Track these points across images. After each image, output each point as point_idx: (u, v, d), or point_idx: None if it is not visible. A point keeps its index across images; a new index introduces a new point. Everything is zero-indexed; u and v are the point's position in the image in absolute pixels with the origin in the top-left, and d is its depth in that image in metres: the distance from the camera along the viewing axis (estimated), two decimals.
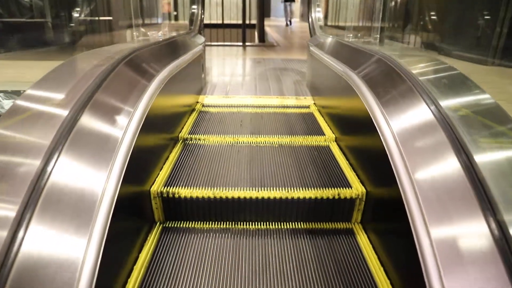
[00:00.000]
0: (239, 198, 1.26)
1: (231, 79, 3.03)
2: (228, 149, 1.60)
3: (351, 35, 2.17)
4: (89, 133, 0.88)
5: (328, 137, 1.76)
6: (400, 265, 0.97)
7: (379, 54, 1.42)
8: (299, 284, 1.01)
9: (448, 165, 0.83)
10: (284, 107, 2.27)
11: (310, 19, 3.02)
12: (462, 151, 0.83)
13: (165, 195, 1.25)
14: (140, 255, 1.09)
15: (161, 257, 1.10)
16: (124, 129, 0.99)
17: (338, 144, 1.68)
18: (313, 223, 1.29)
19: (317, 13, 3.05)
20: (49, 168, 0.73)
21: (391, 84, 1.21)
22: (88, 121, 0.91)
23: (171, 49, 1.85)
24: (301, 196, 1.26)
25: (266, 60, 4.03)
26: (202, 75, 2.62)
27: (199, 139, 1.71)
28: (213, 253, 1.12)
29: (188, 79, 2.08)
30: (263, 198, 1.26)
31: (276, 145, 1.66)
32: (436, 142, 0.90)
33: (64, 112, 0.87)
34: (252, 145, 1.66)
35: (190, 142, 1.70)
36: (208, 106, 2.26)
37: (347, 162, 1.51)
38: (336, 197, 1.27)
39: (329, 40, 2.33)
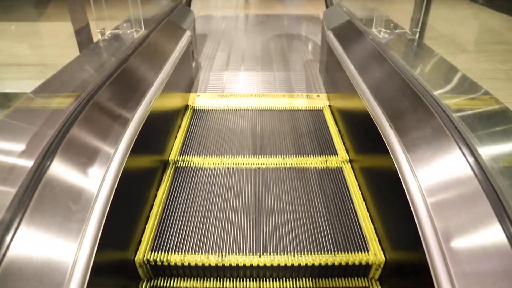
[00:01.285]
0: (237, 265, 1.13)
1: (227, 61, 2.70)
2: (224, 182, 1.42)
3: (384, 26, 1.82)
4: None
5: (346, 170, 1.56)
6: None
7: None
8: None
9: (488, 239, 0.73)
10: (292, 110, 2.02)
11: None
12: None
13: (153, 263, 1.12)
14: None
15: None
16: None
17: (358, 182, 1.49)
18: (325, 280, 1.17)
19: None
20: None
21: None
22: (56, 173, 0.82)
23: (147, 64, 1.57)
24: (309, 263, 1.12)
25: (271, 20, 3.63)
26: (193, 64, 2.33)
27: (190, 166, 1.53)
28: None
29: (173, 95, 1.83)
30: (265, 265, 1.13)
31: (282, 170, 1.48)
32: (475, 205, 0.79)
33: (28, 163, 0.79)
34: (254, 177, 1.47)
35: (180, 174, 1.51)
36: (200, 111, 2.02)
37: (366, 211, 1.33)
38: (350, 263, 1.13)
39: (357, 30, 1.91)
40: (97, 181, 0.88)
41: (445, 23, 3.53)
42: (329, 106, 2.12)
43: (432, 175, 0.93)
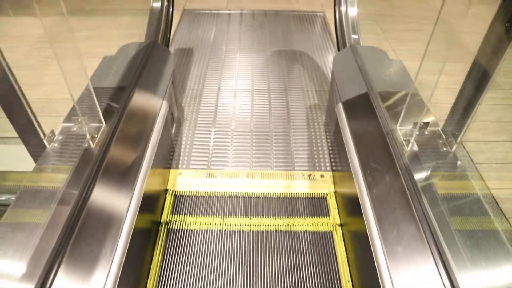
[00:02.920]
0: None
1: (215, 109, 2.33)
2: None
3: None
4: None
5: None
6: None
7: None
8: None
9: None
10: (290, 198, 1.76)
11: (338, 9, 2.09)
12: None
13: None
14: None
15: None
16: None
17: None
18: None
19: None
20: None
21: None
22: None
23: (116, 188, 1.28)
24: None
25: (268, 22, 3.16)
26: (172, 130, 1.98)
27: None
28: None
29: (150, 198, 1.54)
30: None
31: None
32: None
33: None
34: None
35: None
36: (182, 197, 1.75)
37: None
38: None
39: (375, 122, 1.53)
40: None
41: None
42: (334, 192, 1.85)
43: None
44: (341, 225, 1.72)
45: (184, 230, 1.65)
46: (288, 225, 1.69)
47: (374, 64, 1.90)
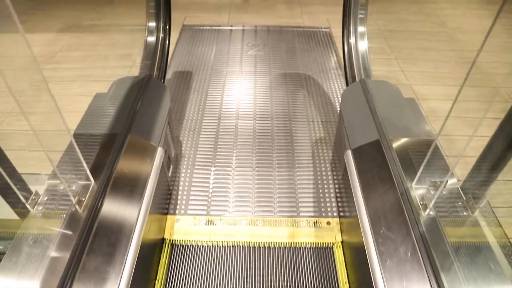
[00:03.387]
0: None
1: (214, 143, 2.23)
2: None
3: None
4: None
5: None
6: None
7: None
8: None
9: None
10: (294, 247, 1.65)
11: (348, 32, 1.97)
12: None
13: None
14: None
15: None
16: None
17: None
18: None
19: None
20: None
21: None
22: None
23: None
24: None
25: (272, 40, 3.04)
26: (169, 172, 1.88)
27: None
28: None
29: (144, 251, 1.43)
30: None
31: None
32: None
33: None
34: None
35: None
36: (180, 247, 1.66)
37: None
38: None
39: (387, 174, 1.41)
40: None
41: None
42: (342, 242, 1.74)
43: None
44: (349, 282, 1.61)
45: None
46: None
47: (386, 104, 1.78)
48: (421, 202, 1.28)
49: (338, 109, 2.40)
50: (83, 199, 1.29)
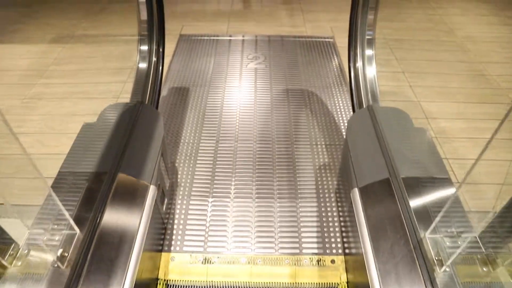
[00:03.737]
0: None
1: (212, 172, 2.12)
2: None
3: None
4: None
5: None
6: None
7: None
8: None
9: None
10: None
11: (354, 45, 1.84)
12: None
13: None
14: None
15: None
16: None
17: None
18: None
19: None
20: None
21: None
22: None
23: None
24: None
25: (273, 52, 2.92)
26: (164, 207, 1.77)
27: None
28: None
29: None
30: None
31: None
32: None
33: None
34: None
35: None
36: None
37: None
38: None
39: (398, 220, 1.30)
40: None
41: None
42: (347, 283, 1.64)
43: None
44: None
45: None
46: None
47: (396, 135, 1.67)
48: (436, 258, 1.18)
49: (343, 131, 2.29)
50: (67, 254, 1.19)
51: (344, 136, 2.22)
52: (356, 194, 1.51)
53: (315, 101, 2.54)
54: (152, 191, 1.51)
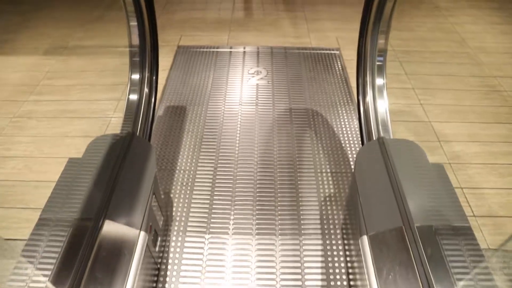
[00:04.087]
0: None
1: (210, 204, 2.00)
2: None
3: None
4: None
5: None
6: None
7: None
8: None
9: None
10: None
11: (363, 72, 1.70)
12: None
13: None
14: None
15: None
16: None
17: None
18: None
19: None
20: None
21: None
22: None
23: None
24: None
25: (277, 64, 2.78)
26: (156, 247, 1.65)
27: None
28: None
29: None
30: None
31: None
32: None
33: None
34: None
35: None
36: None
37: None
38: None
39: (414, 280, 1.20)
40: None
41: None
42: None
43: None
44: None
45: None
46: None
47: (410, 173, 1.53)
48: None
49: (349, 156, 2.16)
50: None
51: (352, 165, 2.10)
52: (365, 242, 1.39)
53: (320, 122, 2.41)
54: (142, 239, 1.39)
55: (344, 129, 2.35)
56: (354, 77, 2.78)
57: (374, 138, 1.67)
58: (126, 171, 1.52)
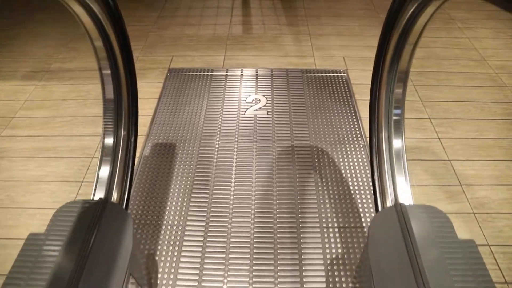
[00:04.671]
0: None
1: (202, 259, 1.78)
2: None
3: None
4: None
5: None
6: None
7: None
8: None
9: None
10: None
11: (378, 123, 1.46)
12: None
13: None
14: None
15: None
16: None
17: None
18: None
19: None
20: None
21: None
22: None
23: None
24: None
25: (277, 89, 2.54)
26: None
27: None
28: None
29: None
30: None
31: None
32: None
33: None
34: None
35: None
36: None
37: None
38: None
39: None
40: None
41: None
42: None
43: None
44: None
45: None
46: None
47: (433, 250, 1.30)
48: None
49: (359, 207, 1.93)
50: None
51: (362, 218, 1.86)
52: None
53: (325, 162, 2.17)
54: None
55: (353, 171, 2.11)
56: (363, 105, 2.56)
57: (391, 204, 1.43)
58: (96, 250, 1.30)
